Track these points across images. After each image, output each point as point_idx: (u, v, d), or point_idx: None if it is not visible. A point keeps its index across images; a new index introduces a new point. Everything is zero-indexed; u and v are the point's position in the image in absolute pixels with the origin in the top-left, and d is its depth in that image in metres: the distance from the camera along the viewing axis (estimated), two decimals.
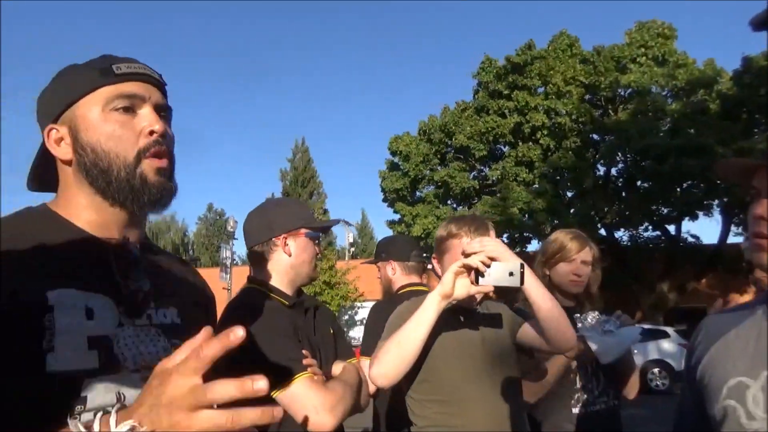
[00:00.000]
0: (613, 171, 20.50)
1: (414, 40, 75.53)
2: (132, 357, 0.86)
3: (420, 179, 21.85)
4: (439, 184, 21.45)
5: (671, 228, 20.38)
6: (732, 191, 16.32)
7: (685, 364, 1.08)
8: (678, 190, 18.37)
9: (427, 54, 76.18)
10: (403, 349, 1.54)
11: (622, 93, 20.05)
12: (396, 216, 22.43)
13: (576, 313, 2.14)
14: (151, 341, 0.90)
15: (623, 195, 20.12)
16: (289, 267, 1.69)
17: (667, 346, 13.07)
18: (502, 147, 21.46)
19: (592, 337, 2.02)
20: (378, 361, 1.55)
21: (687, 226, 21.36)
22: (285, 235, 1.68)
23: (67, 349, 0.79)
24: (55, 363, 0.78)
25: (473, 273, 1.50)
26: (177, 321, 0.97)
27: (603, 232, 20.14)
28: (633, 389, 2.21)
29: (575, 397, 2.05)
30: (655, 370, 12.92)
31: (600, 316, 2.17)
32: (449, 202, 22.11)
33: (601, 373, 2.09)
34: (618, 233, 20.97)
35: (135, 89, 0.94)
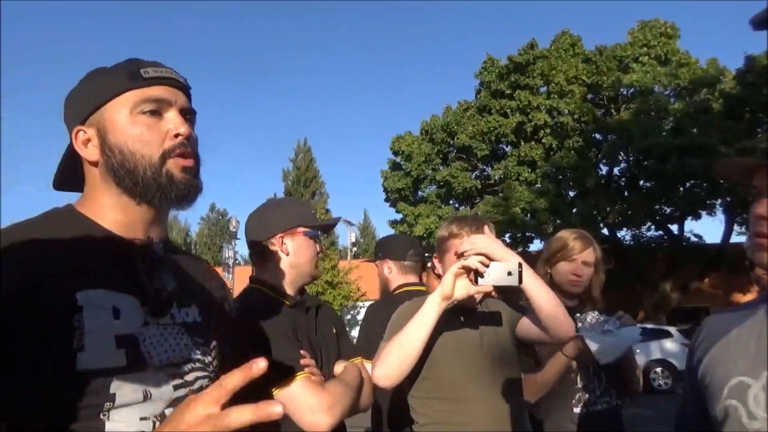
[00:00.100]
0: (616, 170, 20.47)
1: (416, 39, 75.59)
2: (157, 355, 0.88)
3: (422, 179, 21.83)
4: (441, 183, 21.42)
5: (674, 228, 20.36)
6: (735, 191, 16.26)
7: (687, 363, 1.08)
8: (681, 189, 18.31)
9: (429, 54, 76.21)
10: (405, 351, 1.56)
11: (624, 92, 20.00)
12: (398, 216, 22.44)
13: (577, 313, 2.14)
14: (175, 339, 0.92)
15: (626, 194, 20.07)
16: (289, 266, 1.69)
17: (670, 345, 13.08)
18: (504, 146, 21.43)
19: (591, 338, 2.02)
20: (380, 362, 1.58)
21: (690, 225, 21.30)
22: (282, 234, 1.69)
23: (97, 348, 0.81)
24: (86, 361, 0.80)
25: (473, 273, 1.52)
26: (198, 319, 0.99)
27: (605, 231, 20.10)
28: (636, 384, 2.21)
29: (577, 397, 2.06)
30: (658, 369, 12.94)
31: (600, 316, 2.16)
32: (451, 201, 22.08)
33: (603, 374, 2.09)
34: (621, 233, 20.95)
35: (162, 93, 0.96)
